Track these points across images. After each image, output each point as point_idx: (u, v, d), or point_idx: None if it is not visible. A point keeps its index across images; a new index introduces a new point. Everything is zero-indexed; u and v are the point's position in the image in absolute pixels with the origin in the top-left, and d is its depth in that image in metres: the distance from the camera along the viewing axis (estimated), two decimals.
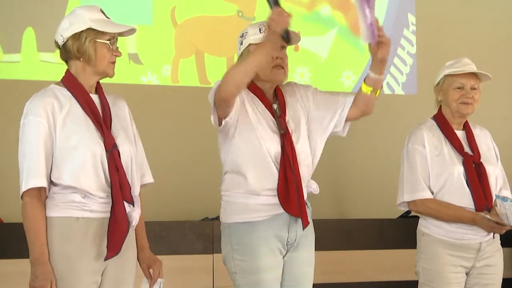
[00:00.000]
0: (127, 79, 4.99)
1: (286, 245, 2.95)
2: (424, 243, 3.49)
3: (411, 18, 5.75)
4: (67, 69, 2.73)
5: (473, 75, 3.47)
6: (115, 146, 2.66)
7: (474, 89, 3.47)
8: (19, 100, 4.72)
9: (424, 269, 3.47)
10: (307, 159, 3.01)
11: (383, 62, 2.94)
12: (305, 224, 2.92)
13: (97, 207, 2.63)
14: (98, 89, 2.76)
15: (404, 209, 3.57)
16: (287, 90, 3.09)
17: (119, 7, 5.04)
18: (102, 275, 2.66)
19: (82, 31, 2.66)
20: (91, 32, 2.66)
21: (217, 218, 4.64)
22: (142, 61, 5.07)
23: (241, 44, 3.02)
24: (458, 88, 3.47)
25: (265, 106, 2.98)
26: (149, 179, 2.88)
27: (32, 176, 2.58)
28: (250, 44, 2.97)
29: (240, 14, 5.33)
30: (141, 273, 2.85)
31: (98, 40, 2.66)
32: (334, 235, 4.86)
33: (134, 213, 2.70)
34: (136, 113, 2.91)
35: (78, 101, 2.67)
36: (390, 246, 4.89)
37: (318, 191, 3.05)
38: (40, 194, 2.61)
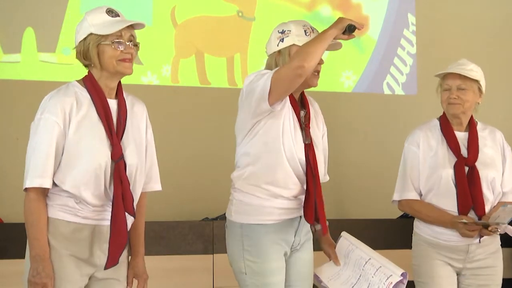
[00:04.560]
0: (127, 79, 4.92)
1: (291, 248, 2.98)
2: (415, 241, 3.53)
3: (411, 18, 5.75)
4: (89, 70, 2.73)
5: (460, 75, 3.43)
6: (121, 157, 2.65)
7: (461, 89, 3.43)
8: (19, 100, 4.76)
9: (415, 267, 3.50)
10: (322, 170, 3.03)
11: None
12: (324, 231, 2.96)
13: (90, 214, 2.63)
14: (119, 93, 2.75)
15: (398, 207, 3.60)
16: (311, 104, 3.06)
17: (119, 7, 5.02)
18: (90, 278, 2.68)
19: (86, 38, 2.67)
20: (94, 37, 2.66)
21: (217, 218, 4.65)
22: (142, 61, 5.07)
23: (282, 41, 2.93)
24: (446, 89, 3.47)
25: (295, 113, 2.93)
26: (156, 186, 2.86)
27: (39, 175, 2.57)
28: (293, 45, 2.90)
29: (240, 14, 5.33)
30: (150, 274, 2.87)
31: (101, 43, 2.66)
32: (334, 235, 4.85)
33: (127, 221, 2.69)
34: None
35: (95, 106, 2.66)
36: (390, 246, 4.87)
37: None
38: (45, 192, 2.62)
